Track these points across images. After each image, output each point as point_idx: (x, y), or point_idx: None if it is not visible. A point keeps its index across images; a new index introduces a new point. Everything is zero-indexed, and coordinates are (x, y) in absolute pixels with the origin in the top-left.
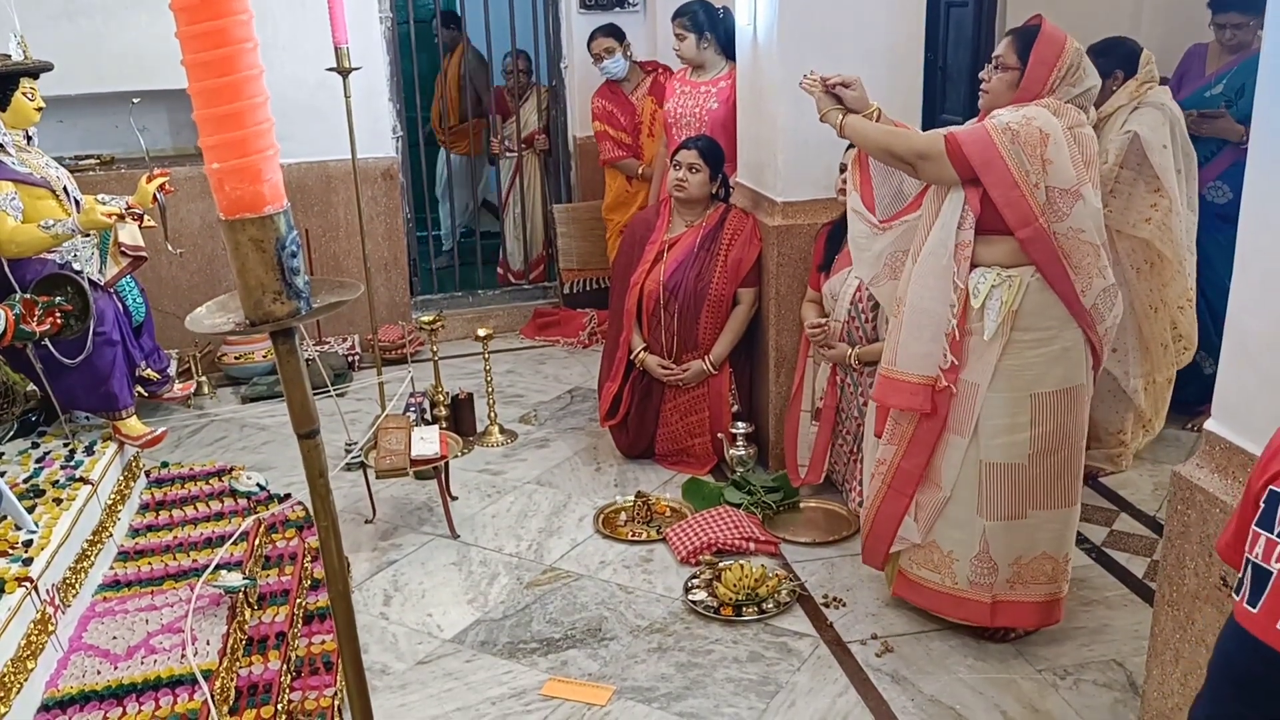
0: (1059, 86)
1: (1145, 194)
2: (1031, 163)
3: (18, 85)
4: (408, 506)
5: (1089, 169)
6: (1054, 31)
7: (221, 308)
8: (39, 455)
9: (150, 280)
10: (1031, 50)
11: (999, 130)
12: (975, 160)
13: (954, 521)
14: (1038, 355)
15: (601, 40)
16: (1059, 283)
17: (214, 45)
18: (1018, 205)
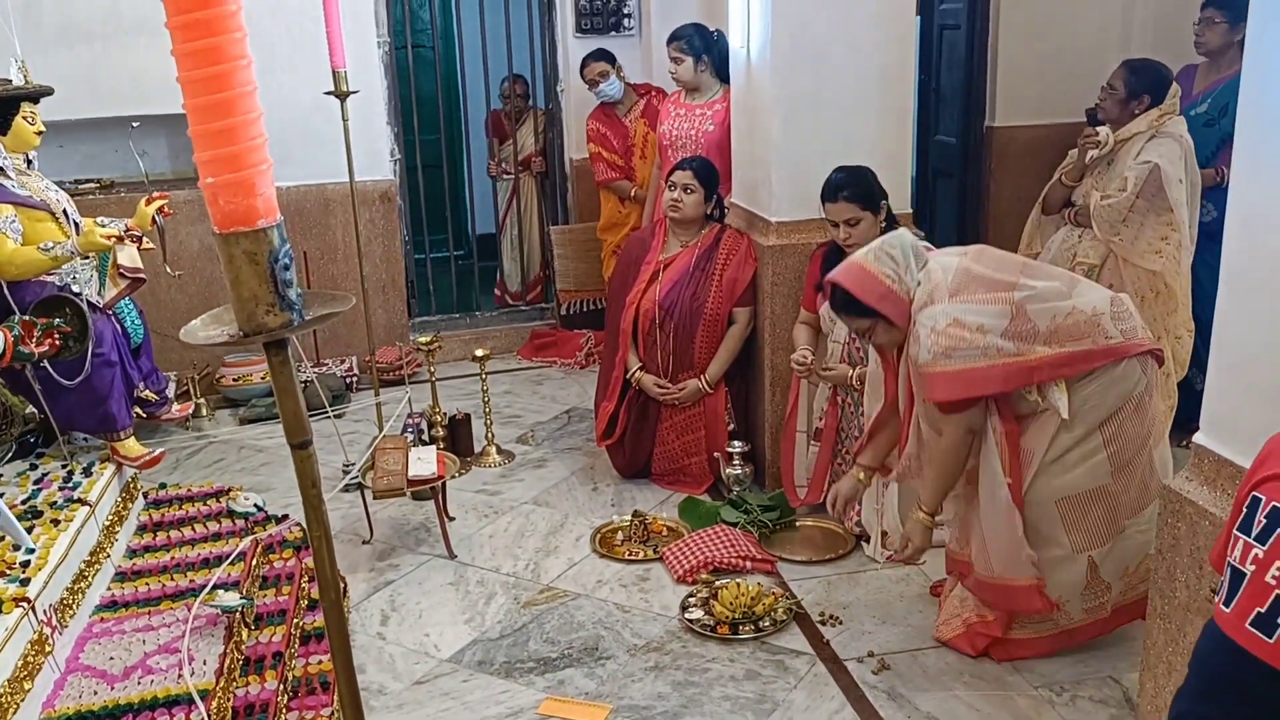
0: (916, 299)
1: (1156, 225)
2: (983, 347)
3: (18, 109)
4: (405, 527)
5: (1012, 275)
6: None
7: (216, 320)
8: (37, 476)
9: (149, 302)
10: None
11: (946, 365)
12: (963, 396)
13: (1049, 562)
14: (1092, 390)
15: (595, 65)
16: (1093, 361)
17: (208, 62)
18: (1015, 379)
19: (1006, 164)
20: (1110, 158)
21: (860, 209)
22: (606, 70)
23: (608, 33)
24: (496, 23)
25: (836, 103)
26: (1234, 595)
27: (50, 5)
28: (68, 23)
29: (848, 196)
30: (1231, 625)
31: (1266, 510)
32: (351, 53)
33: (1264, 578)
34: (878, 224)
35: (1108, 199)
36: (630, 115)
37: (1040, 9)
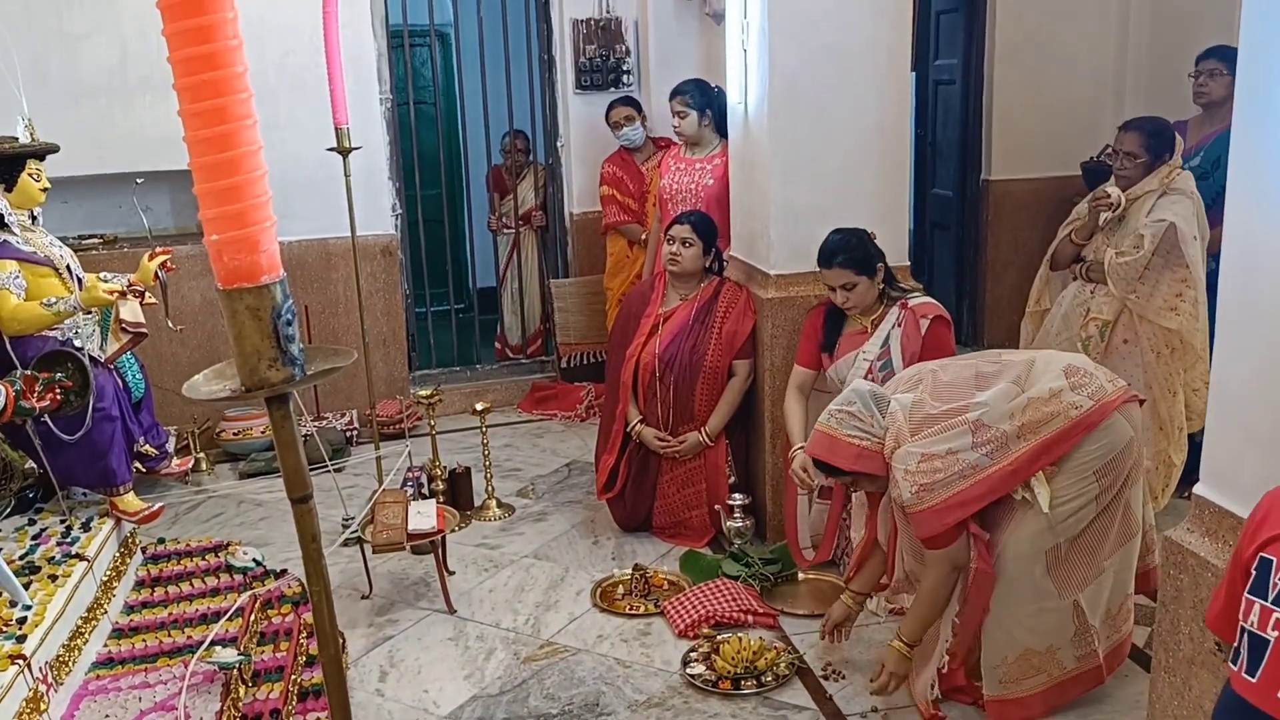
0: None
1: (1172, 282)
2: (965, 472)
3: (24, 167)
4: (405, 581)
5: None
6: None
7: (219, 375)
8: (35, 532)
9: (150, 357)
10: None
11: (925, 500)
12: (941, 529)
13: (1041, 613)
14: (1080, 452)
15: (621, 109)
16: (1070, 440)
17: (214, 122)
18: (991, 491)
19: (1003, 216)
20: (1121, 214)
21: (855, 274)
22: (632, 115)
23: (607, 89)
24: (497, 79)
25: (833, 157)
26: (1258, 663)
27: (58, 63)
28: (74, 81)
29: (842, 262)
30: (1260, 695)
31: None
32: (354, 109)
33: None
34: (875, 285)
35: (1123, 256)
36: (648, 164)
37: (1033, 65)
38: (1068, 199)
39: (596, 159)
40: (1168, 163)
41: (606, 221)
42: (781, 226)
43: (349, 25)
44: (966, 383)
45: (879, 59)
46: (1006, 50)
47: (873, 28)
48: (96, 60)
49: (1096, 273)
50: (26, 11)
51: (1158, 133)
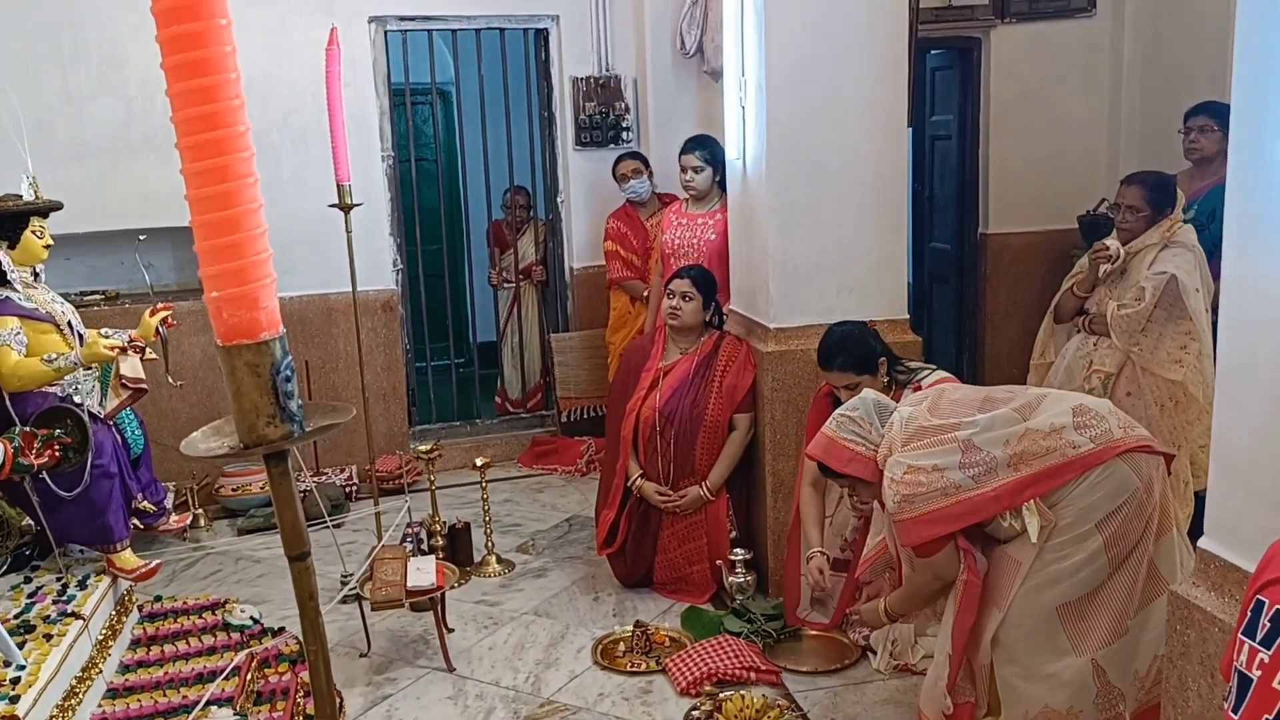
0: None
1: (1175, 335)
2: (943, 487)
3: (28, 224)
4: (404, 639)
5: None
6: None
7: (216, 432)
8: (31, 590)
9: (150, 413)
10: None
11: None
12: (928, 538)
13: (1059, 670)
14: (1077, 494)
15: (629, 162)
16: (1065, 475)
17: (216, 181)
18: (982, 510)
19: (1001, 269)
20: (1124, 266)
21: (856, 374)
22: (640, 169)
23: (607, 145)
24: (498, 136)
25: (832, 211)
26: (1241, 701)
27: (63, 123)
28: (79, 140)
29: (842, 365)
30: None
31: (1270, 614)
32: (356, 166)
33: (1270, 683)
34: (880, 380)
35: (1125, 309)
36: (652, 219)
37: (1028, 121)
38: (1065, 252)
39: (597, 214)
40: (1169, 216)
41: (610, 277)
42: (781, 281)
43: (352, 84)
44: (972, 404)
45: (875, 115)
46: (1001, 107)
47: (869, 84)
48: (101, 120)
49: (1099, 325)
50: (33, 72)
51: (1160, 186)
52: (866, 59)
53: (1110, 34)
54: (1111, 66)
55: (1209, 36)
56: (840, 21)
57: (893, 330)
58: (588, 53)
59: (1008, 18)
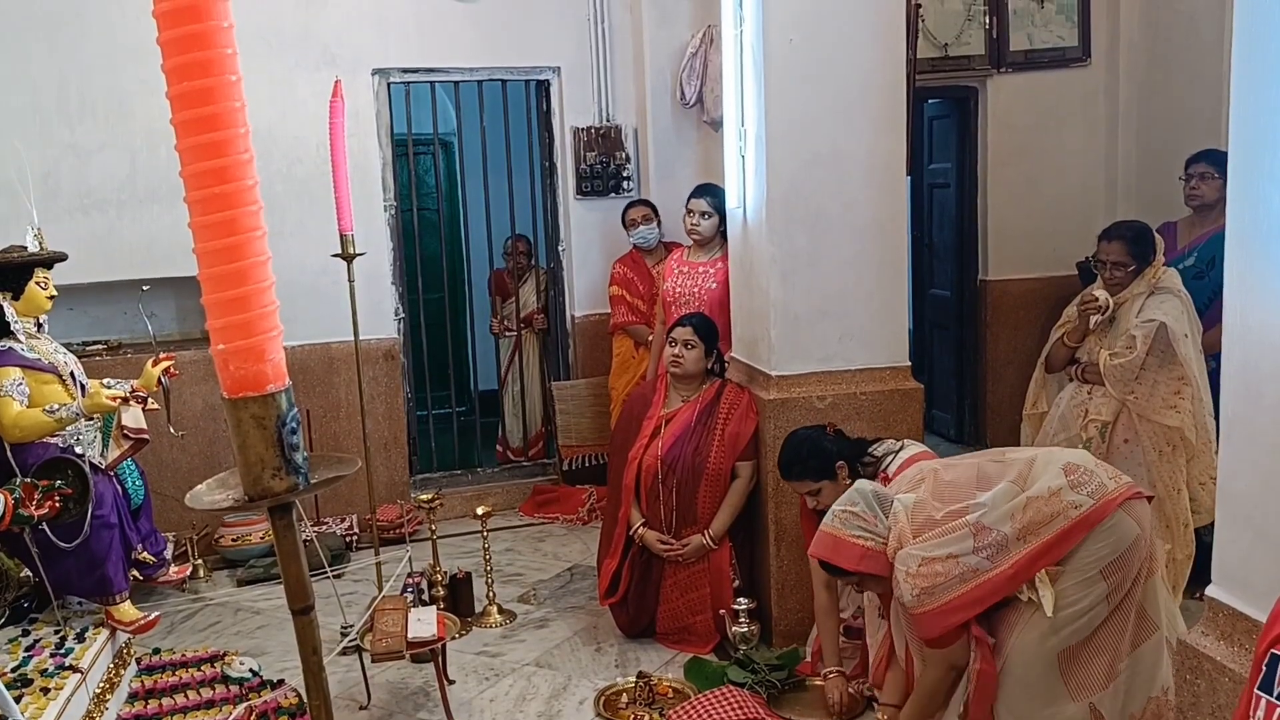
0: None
1: (1169, 380)
2: (965, 576)
3: (32, 275)
4: (404, 691)
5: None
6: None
7: (221, 484)
8: (29, 643)
9: (151, 463)
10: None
11: (921, 595)
12: (946, 625)
13: (1056, 716)
14: (1083, 551)
15: (639, 208)
16: (1072, 539)
17: (224, 234)
18: (997, 589)
19: (1001, 316)
20: (1112, 315)
21: (815, 481)
22: (650, 215)
23: (607, 194)
24: (499, 186)
25: (832, 258)
26: None
27: (68, 174)
28: (84, 191)
29: (799, 474)
30: None
31: None
32: (359, 216)
33: None
34: (841, 482)
35: (1118, 358)
36: (657, 266)
37: (1026, 168)
38: (1065, 298)
39: (598, 262)
40: (1153, 264)
41: (615, 321)
42: (782, 328)
43: (355, 135)
44: (969, 482)
45: (875, 163)
46: (999, 155)
47: (868, 133)
48: (106, 172)
49: (1093, 374)
50: (41, 124)
51: (1138, 238)
52: (865, 109)
53: (1105, 82)
54: (1107, 114)
55: (1204, 82)
56: (838, 73)
57: (894, 377)
58: (588, 103)
59: (1003, 67)
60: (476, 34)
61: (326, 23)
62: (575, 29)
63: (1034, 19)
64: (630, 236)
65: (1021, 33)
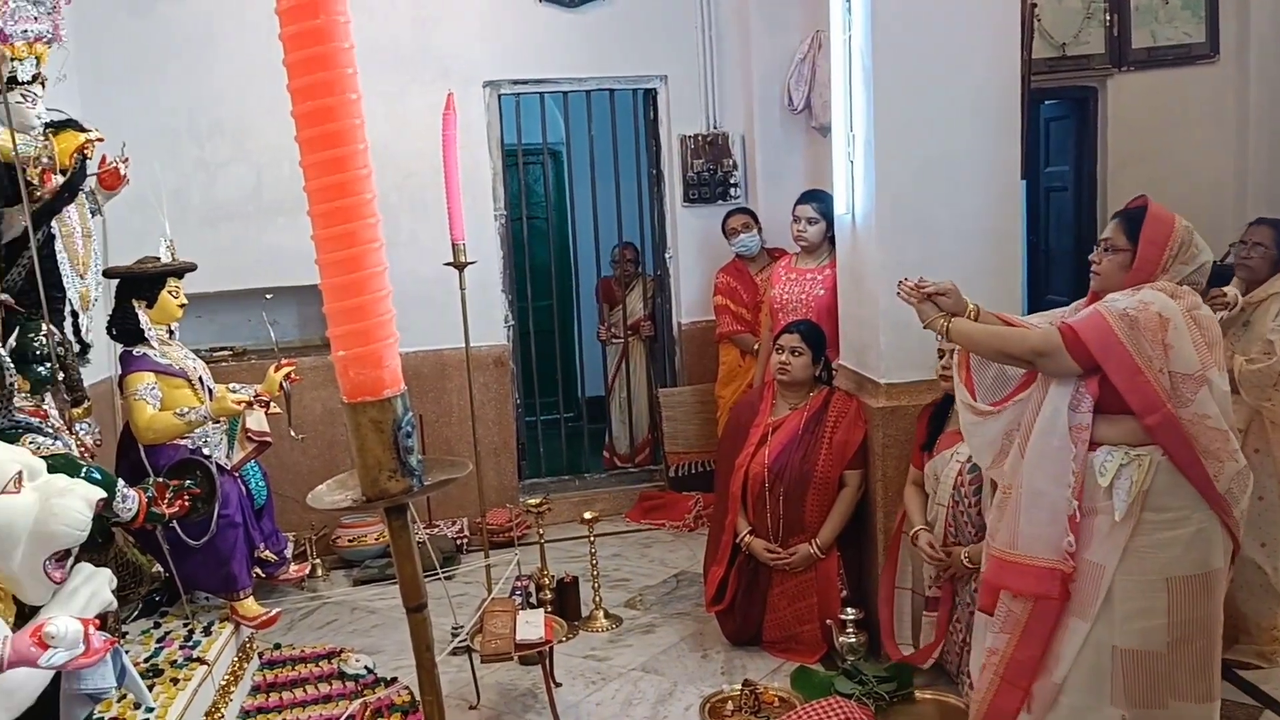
0: (1171, 266)
1: None
2: (1153, 349)
3: (165, 284)
4: (512, 693)
5: (1213, 351)
6: (1161, 211)
7: (341, 485)
8: (160, 635)
9: (273, 465)
10: (1141, 231)
11: (1116, 316)
12: (1095, 349)
13: (1077, 713)
14: (1171, 536)
15: (738, 217)
16: (1191, 468)
17: (344, 246)
18: (1143, 392)
19: None
20: (1246, 318)
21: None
22: (749, 223)
23: (715, 202)
24: (607, 194)
25: (942, 265)
26: None
27: (198, 189)
28: (213, 204)
29: None
30: None
31: None
32: (470, 225)
33: None
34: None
35: (1254, 364)
36: (760, 274)
37: (1148, 171)
38: None
39: (705, 270)
40: None
41: (720, 331)
42: (891, 335)
43: (466, 147)
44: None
45: (987, 168)
46: (1119, 157)
47: (980, 137)
48: (233, 187)
49: None
50: (172, 143)
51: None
52: (978, 113)
53: (1234, 80)
54: (1237, 113)
55: None
56: (950, 76)
57: None
58: (696, 111)
59: (1125, 66)
60: (585, 45)
61: (440, 39)
62: (683, 37)
63: (1158, 15)
64: (731, 245)
65: (1144, 30)
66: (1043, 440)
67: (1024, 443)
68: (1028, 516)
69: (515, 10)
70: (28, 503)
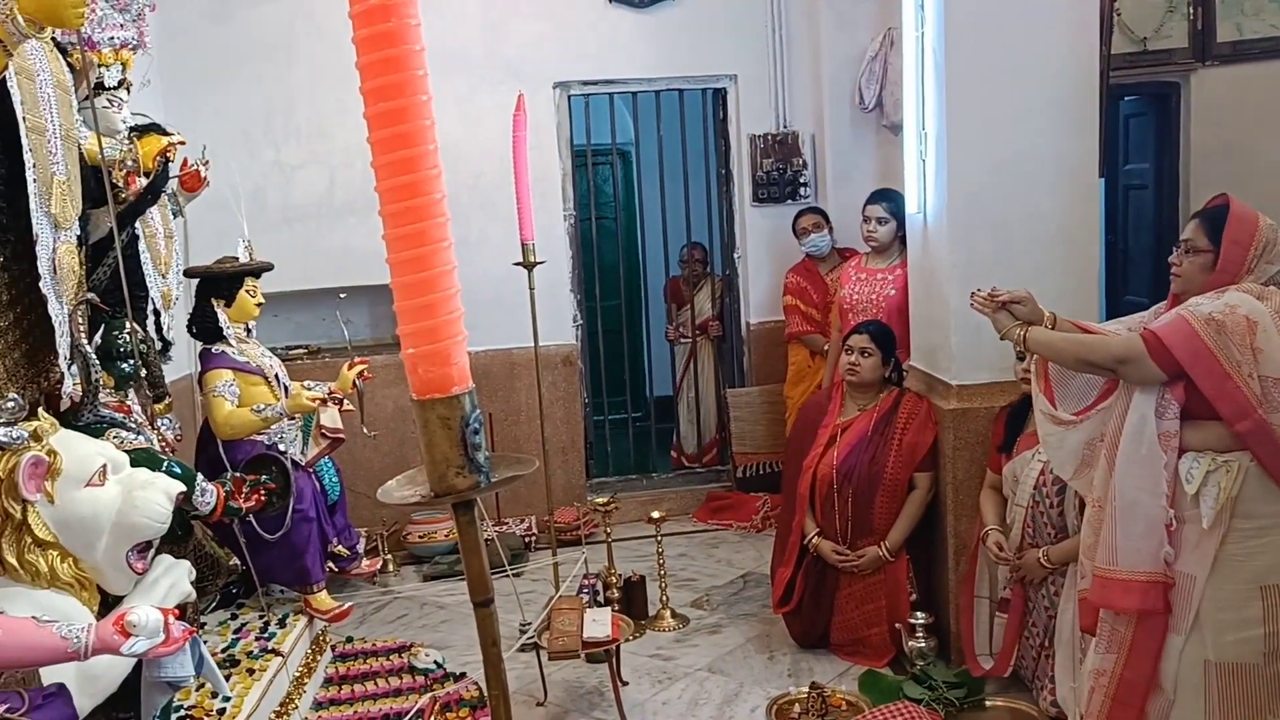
0: (1256, 266)
1: None
2: (1242, 353)
3: (243, 284)
4: (579, 690)
5: None
6: (1244, 210)
7: (410, 481)
8: (237, 626)
9: (345, 461)
10: (1223, 231)
11: (1201, 321)
12: (1181, 355)
13: None
14: (1262, 544)
15: (809, 217)
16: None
17: (414, 245)
18: (1233, 398)
19: None
20: None
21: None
22: (820, 223)
23: (784, 201)
24: (676, 194)
25: (1016, 266)
26: None
27: (274, 190)
28: (288, 205)
29: None
30: None
31: None
32: (539, 225)
33: None
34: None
35: None
36: (830, 274)
37: (1233, 170)
38: None
39: (773, 270)
40: None
41: (789, 331)
42: (963, 337)
43: (536, 148)
44: None
45: (1064, 166)
46: (1202, 154)
47: (1057, 134)
48: (308, 188)
49: None
50: (250, 146)
51: None
52: (1054, 110)
53: None
54: None
55: None
56: (1026, 72)
57: None
58: (765, 110)
59: (1209, 60)
60: (654, 45)
61: (510, 40)
62: (752, 37)
63: (1243, 8)
64: (802, 245)
65: (1230, 22)
66: (1131, 448)
67: (1112, 453)
68: (1124, 530)
69: (585, 12)
70: (111, 495)
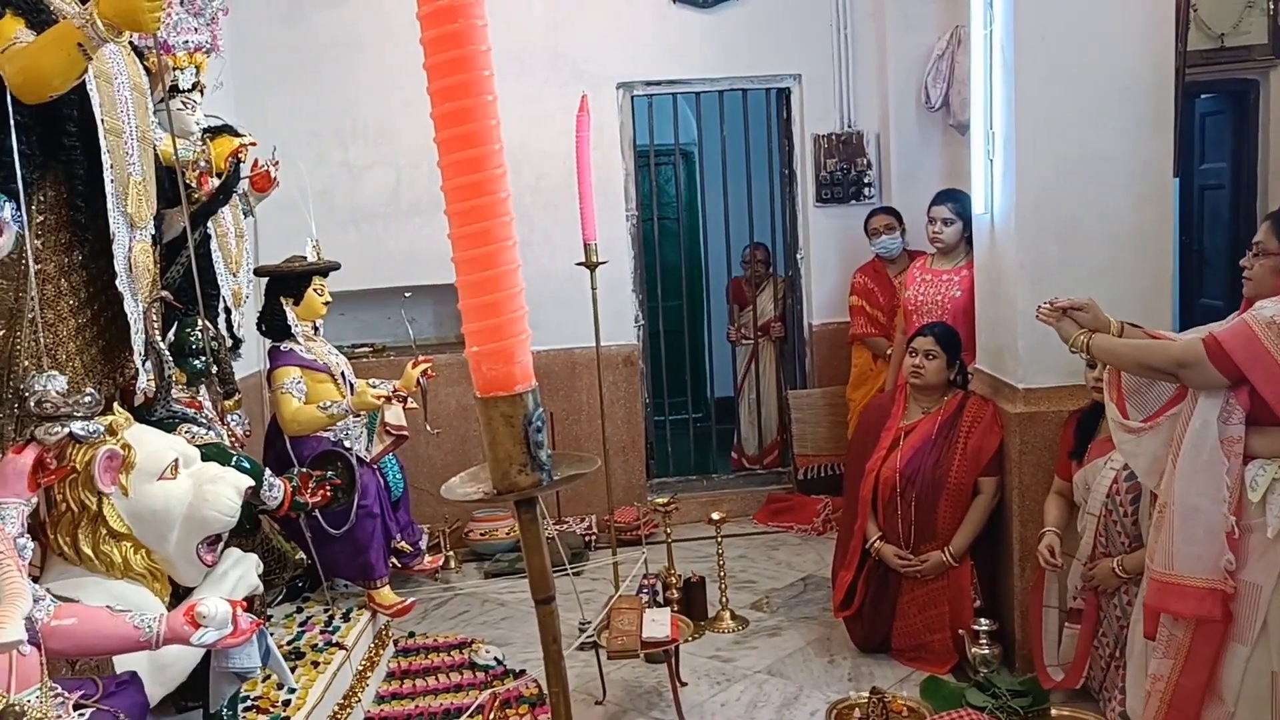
0: None
1: None
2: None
3: (310, 283)
4: (637, 690)
5: None
6: None
7: (473, 478)
8: (302, 619)
9: (409, 458)
10: None
11: (1263, 324)
12: (1240, 359)
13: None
14: None
15: (882, 217)
16: None
17: (479, 244)
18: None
19: None
20: None
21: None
22: (893, 225)
23: (848, 202)
24: (739, 194)
25: (1086, 267)
26: None
27: (342, 191)
28: (355, 206)
29: None
30: None
31: None
32: (602, 226)
33: None
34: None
35: None
36: (899, 276)
37: None
38: None
39: (837, 271)
40: None
41: (853, 333)
42: (1030, 339)
43: (599, 148)
44: None
45: (1136, 166)
46: None
47: (1129, 133)
48: (375, 188)
49: None
50: (319, 147)
51: None
52: (1127, 108)
53: None
54: None
55: None
56: (1098, 70)
57: None
58: (829, 110)
59: None
60: (718, 45)
61: (574, 41)
62: (816, 36)
63: None
64: (872, 245)
65: None
66: (1193, 453)
67: (1175, 457)
68: (1183, 534)
69: (648, 12)
70: (183, 488)
